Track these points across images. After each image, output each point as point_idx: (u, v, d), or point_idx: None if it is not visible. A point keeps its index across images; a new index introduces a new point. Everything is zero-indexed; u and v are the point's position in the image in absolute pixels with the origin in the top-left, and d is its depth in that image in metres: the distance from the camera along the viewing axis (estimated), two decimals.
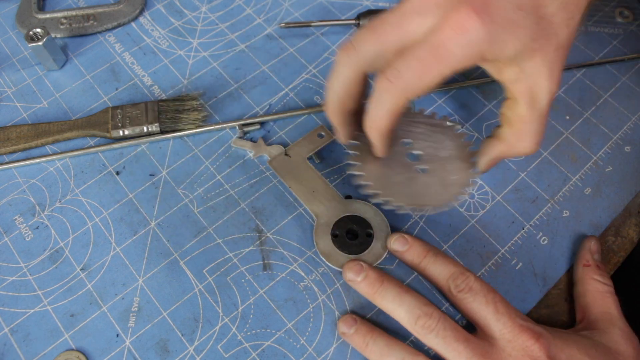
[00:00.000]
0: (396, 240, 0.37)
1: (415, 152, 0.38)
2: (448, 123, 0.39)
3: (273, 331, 0.36)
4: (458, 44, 0.28)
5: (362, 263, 0.36)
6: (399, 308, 0.34)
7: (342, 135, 0.36)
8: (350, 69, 0.31)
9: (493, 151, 0.35)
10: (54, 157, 0.42)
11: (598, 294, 0.35)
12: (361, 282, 0.35)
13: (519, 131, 0.32)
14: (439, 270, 0.35)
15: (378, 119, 0.31)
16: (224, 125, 0.43)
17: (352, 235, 0.38)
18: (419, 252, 0.36)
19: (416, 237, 0.37)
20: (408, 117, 0.39)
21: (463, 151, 0.38)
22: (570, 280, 0.38)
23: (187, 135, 0.43)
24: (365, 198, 0.38)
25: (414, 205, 0.35)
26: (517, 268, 0.38)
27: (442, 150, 0.38)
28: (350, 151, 0.37)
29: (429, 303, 0.34)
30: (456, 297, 0.34)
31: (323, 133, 0.42)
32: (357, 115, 0.35)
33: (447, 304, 0.36)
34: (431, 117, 0.39)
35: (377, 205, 0.38)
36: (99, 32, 0.49)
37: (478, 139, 0.43)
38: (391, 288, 0.35)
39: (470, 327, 0.34)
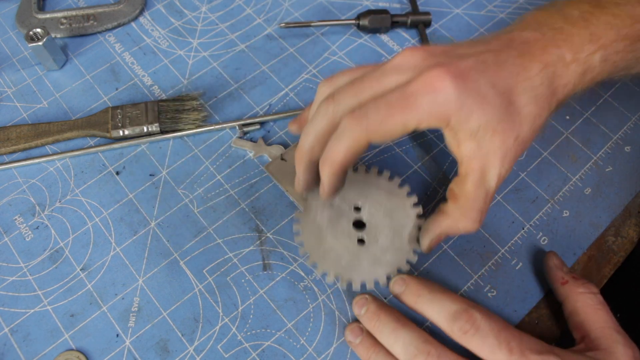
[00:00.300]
0: (395, 283, 0.35)
1: (363, 218, 0.36)
2: (407, 194, 0.37)
3: (273, 331, 0.36)
4: (427, 98, 0.29)
5: (367, 296, 0.35)
6: (395, 344, 0.32)
7: (300, 183, 0.36)
8: (327, 118, 0.32)
9: (438, 227, 0.34)
10: (54, 157, 0.42)
11: (590, 309, 0.34)
12: (363, 315, 0.35)
13: (463, 207, 0.32)
14: (437, 309, 0.33)
15: (334, 153, 0.31)
16: (224, 125, 0.43)
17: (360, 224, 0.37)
18: (413, 292, 0.34)
19: (415, 276, 0.35)
20: (369, 179, 0.37)
21: (412, 228, 0.36)
22: None
23: (187, 135, 0.43)
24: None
25: (338, 276, 0.34)
26: (517, 268, 0.38)
27: (391, 221, 0.36)
28: (299, 206, 0.37)
29: (427, 339, 0.32)
30: (462, 339, 0.31)
31: None
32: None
33: None
34: (393, 182, 0.37)
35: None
36: (99, 32, 0.49)
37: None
38: (387, 323, 0.33)
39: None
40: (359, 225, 0.36)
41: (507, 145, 0.30)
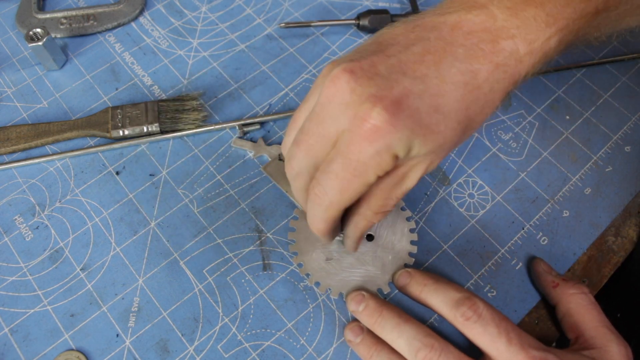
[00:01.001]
0: (400, 276, 0.36)
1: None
2: (406, 219, 0.38)
3: (273, 331, 0.36)
4: (369, 152, 0.26)
5: (364, 293, 0.35)
6: (398, 339, 0.32)
7: (328, 241, 0.36)
8: (300, 184, 0.31)
9: (357, 228, 0.33)
10: (54, 157, 0.42)
11: (583, 309, 0.34)
12: (362, 312, 0.35)
13: (378, 206, 0.30)
14: (442, 297, 0.33)
15: (314, 223, 0.31)
16: (224, 125, 0.43)
17: None
18: (419, 282, 0.35)
19: (420, 270, 0.36)
20: None
21: (402, 245, 0.37)
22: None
23: (187, 135, 0.43)
24: None
25: (328, 287, 0.36)
26: (517, 268, 0.38)
27: (381, 238, 0.37)
28: (298, 205, 0.38)
29: (430, 333, 0.32)
30: (464, 325, 0.32)
31: None
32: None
33: None
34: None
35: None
36: (99, 32, 0.49)
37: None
38: (390, 318, 0.33)
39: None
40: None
41: (439, 156, 0.28)
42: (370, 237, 0.37)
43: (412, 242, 0.37)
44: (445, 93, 0.26)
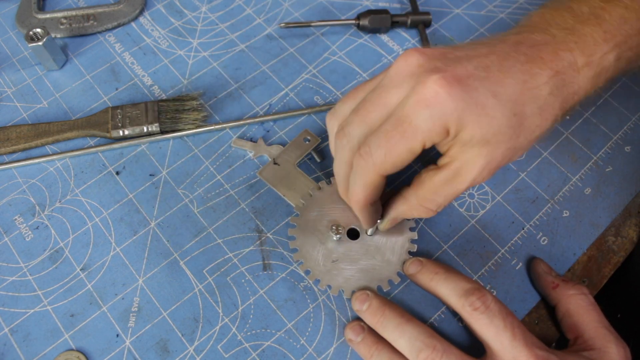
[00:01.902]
0: (411, 264, 0.36)
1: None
2: (409, 231, 0.38)
3: (273, 331, 0.36)
4: (423, 116, 0.27)
5: (368, 292, 0.35)
6: (400, 339, 0.32)
7: (362, 221, 0.35)
8: (344, 155, 0.32)
9: (394, 211, 0.34)
10: (54, 157, 0.42)
11: (582, 310, 0.34)
12: (365, 311, 0.35)
13: (422, 197, 0.31)
14: (452, 286, 0.33)
15: (355, 193, 0.32)
16: (224, 125, 0.43)
17: (353, 235, 0.38)
18: (430, 270, 0.35)
19: (431, 259, 0.37)
20: None
21: (402, 249, 0.37)
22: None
23: (187, 135, 0.43)
24: None
25: (330, 284, 0.36)
26: (517, 268, 0.38)
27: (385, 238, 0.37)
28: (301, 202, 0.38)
29: (433, 334, 0.32)
30: (471, 315, 0.32)
31: (309, 137, 0.42)
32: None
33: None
34: None
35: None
36: (99, 32, 0.49)
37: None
38: (392, 318, 0.33)
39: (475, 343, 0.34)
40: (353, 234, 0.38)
41: (494, 156, 0.28)
42: (355, 235, 0.37)
43: (412, 241, 0.37)
44: (505, 84, 0.28)
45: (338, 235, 0.36)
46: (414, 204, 0.32)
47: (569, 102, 0.30)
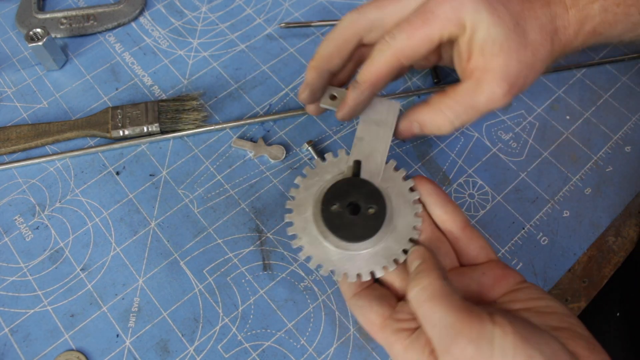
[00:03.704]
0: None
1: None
2: (410, 190, 0.34)
3: (273, 331, 0.36)
4: (444, 7, 0.31)
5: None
6: None
7: (307, 90, 0.36)
8: (349, 28, 0.35)
9: (416, 113, 0.35)
10: (54, 157, 0.42)
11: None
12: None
13: (444, 103, 0.34)
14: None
15: (369, 71, 0.34)
16: (224, 125, 0.43)
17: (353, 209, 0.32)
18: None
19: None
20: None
21: (409, 224, 0.33)
22: (570, 281, 0.38)
23: (187, 135, 0.43)
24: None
25: (333, 269, 0.32)
26: (517, 268, 0.38)
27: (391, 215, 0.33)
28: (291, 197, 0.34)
29: None
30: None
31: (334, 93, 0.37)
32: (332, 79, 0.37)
33: None
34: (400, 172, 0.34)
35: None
36: (99, 32, 0.49)
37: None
38: None
39: None
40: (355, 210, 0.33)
41: (510, 67, 0.32)
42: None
43: (417, 215, 0.33)
44: (510, 2, 0.32)
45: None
46: (436, 108, 0.34)
47: (561, 33, 0.34)
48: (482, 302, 0.31)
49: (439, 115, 0.34)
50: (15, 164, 0.42)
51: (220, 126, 0.43)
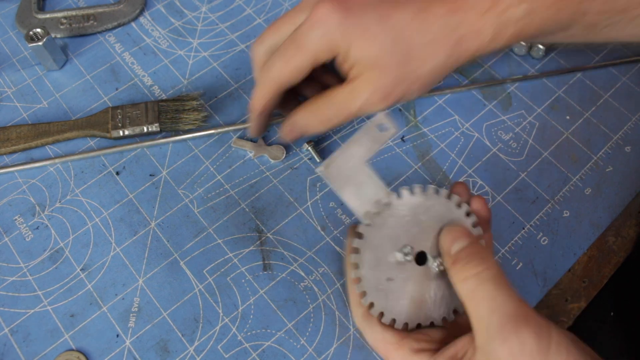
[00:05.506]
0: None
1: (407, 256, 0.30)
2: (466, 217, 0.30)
3: (273, 331, 0.36)
4: (313, 34, 0.32)
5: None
6: None
7: (258, 131, 0.40)
8: (258, 55, 0.36)
9: (297, 113, 0.36)
10: (56, 160, 0.42)
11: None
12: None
13: (321, 104, 0.35)
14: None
15: (254, 99, 0.36)
16: (227, 129, 0.43)
17: (420, 260, 0.30)
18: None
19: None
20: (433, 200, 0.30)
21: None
22: (570, 281, 0.38)
23: (187, 136, 0.43)
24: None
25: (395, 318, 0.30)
26: (517, 268, 0.38)
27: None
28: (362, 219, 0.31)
29: None
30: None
31: (386, 124, 0.31)
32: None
33: None
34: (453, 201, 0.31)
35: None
36: (99, 32, 0.49)
37: None
38: None
39: None
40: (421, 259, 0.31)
41: (383, 81, 0.32)
42: (422, 260, 0.30)
43: None
44: (392, 15, 0.31)
45: (407, 257, 0.30)
46: (311, 108, 0.35)
47: (467, 41, 0.31)
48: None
49: (313, 118, 0.35)
50: (16, 168, 0.42)
51: (220, 130, 0.43)
